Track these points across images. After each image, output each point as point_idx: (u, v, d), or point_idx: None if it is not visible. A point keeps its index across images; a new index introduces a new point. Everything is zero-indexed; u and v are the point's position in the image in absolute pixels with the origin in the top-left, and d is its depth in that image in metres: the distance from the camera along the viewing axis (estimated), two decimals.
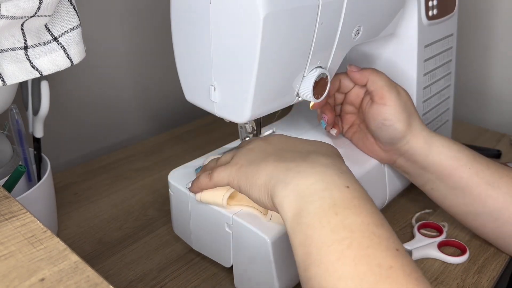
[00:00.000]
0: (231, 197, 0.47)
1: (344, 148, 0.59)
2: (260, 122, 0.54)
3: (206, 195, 0.47)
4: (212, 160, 0.49)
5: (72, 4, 0.42)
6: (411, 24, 0.59)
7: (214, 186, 0.45)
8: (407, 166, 0.55)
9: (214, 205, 0.48)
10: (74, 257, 0.30)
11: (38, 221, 0.34)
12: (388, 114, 0.52)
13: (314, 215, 0.34)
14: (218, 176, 0.44)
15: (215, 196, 0.47)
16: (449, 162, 0.52)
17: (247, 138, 0.54)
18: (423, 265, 0.54)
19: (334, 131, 0.58)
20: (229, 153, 0.47)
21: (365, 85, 0.54)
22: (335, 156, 0.41)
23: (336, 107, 0.60)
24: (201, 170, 0.50)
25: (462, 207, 0.53)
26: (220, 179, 0.44)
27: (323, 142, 0.43)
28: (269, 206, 0.40)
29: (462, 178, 0.51)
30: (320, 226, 0.34)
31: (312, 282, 0.33)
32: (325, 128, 0.57)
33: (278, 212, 0.39)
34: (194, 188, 0.47)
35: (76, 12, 0.42)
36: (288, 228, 0.37)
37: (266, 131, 0.57)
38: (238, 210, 0.47)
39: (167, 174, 0.53)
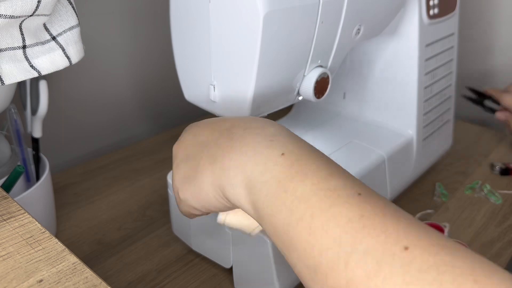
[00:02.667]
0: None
1: (345, 148, 0.59)
2: None
3: (232, 219, 0.42)
4: None
5: (70, 3, 0.41)
6: (412, 23, 0.58)
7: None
8: None
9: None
10: (73, 258, 0.30)
11: (37, 222, 0.34)
12: None
13: (267, 204, 0.33)
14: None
15: (241, 224, 0.42)
16: None
17: None
18: None
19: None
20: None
21: None
22: (263, 124, 0.37)
23: None
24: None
25: None
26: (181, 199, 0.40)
27: (252, 117, 0.39)
28: (227, 206, 0.38)
29: None
30: (278, 211, 0.32)
31: (299, 266, 0.32)
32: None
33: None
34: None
35: (75, 11, 0.42)
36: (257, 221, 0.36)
37: None
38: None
39: (167, 174, 0.53)
